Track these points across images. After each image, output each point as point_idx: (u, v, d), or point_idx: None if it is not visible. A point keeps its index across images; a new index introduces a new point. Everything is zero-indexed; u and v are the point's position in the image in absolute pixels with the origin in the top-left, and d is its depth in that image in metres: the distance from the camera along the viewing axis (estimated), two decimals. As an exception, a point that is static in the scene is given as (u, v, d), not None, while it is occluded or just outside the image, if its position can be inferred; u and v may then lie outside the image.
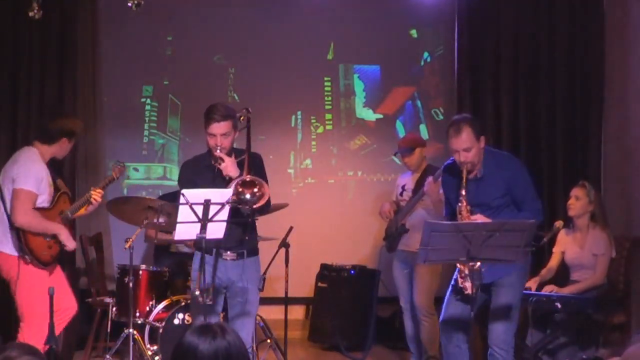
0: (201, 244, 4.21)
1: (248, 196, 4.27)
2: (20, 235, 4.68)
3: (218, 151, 4.39)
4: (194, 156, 4.71)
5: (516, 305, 4.50)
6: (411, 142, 5.84)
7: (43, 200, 4.80)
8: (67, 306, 4.93)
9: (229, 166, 4.37)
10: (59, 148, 4.90)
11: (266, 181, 4.39)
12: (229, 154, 4.44)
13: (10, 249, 4.74)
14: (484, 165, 4.48)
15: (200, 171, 4.51)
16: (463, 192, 4.37)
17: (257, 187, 4.29)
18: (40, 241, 4.76)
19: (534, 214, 4.33)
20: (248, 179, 4.29)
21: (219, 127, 4.39)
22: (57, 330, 4.51)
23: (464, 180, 4.37)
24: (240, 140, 4.62)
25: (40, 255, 4.75)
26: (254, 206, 4.29)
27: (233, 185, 4.25)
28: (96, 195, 4.95)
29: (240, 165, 4.41)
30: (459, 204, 4.39)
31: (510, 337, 4.47)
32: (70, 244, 4.83)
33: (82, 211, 5.02)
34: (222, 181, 4.38)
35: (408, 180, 5.84)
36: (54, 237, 4.79)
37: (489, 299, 4.51)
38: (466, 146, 4.37)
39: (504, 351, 4.44)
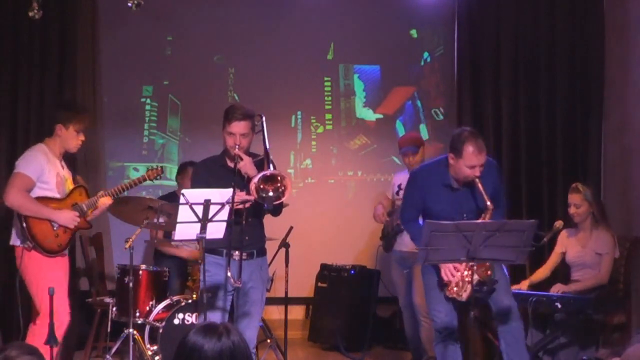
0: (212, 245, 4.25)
1: (271, 193, 4.26)
2: (23, 222, 4.68)
3: (237, 150, 4.38)
4: (208, 157, 4.69)
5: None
6: (417, 141, 5.84)
7: (50, 191, 4.79)
8: (60, 318, 4.56)
9: (247, 164, 4.37)
10: (60, 137, 4.87)
11: None
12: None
13: (16, 241, 4.77)
14: None
15: (215, 171, 4.51)
16: (488, 204, 4.32)
17: (279, 181, 4.27)
18: (45, 228, 4.73)
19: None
20: (269, 174, 4.26)
21: (239, 126, 4.40)
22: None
23: (481, 186, 4.34)
24: (255, 147, 4.61)
25: (44, 243, 4.72)
26: (279, 201, 4.28)
27: (255, 180, 4.22)
28: (105, 200, 4.99)
29: (256, 165, 4.40)
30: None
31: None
32: (69, 223, 4.78)
33: (89, 213, 4.99)
34: (240, 180, 4.36)
35: (404, 179, 5.82)
36: (63, 226, 4.78)
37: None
38: (484, 162, 4.42)
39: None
